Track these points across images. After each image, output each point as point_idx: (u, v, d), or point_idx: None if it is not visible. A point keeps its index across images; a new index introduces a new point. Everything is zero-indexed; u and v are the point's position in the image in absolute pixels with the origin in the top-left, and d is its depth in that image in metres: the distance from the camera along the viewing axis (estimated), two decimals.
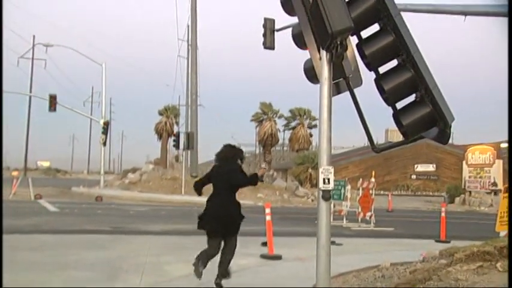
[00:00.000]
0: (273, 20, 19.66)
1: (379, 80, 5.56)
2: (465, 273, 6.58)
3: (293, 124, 50.69)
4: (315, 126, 47.60)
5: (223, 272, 7.20)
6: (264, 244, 10.94)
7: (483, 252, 6.91)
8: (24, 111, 70.34)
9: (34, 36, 61.61)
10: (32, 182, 36.96)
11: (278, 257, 10.42)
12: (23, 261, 8.89)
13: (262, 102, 50.22)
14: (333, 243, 8.77)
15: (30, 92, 60.43)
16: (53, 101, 37.76)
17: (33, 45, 59.25)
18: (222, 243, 7.19)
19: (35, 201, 26.58)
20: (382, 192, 38.08)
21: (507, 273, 6.50)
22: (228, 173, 7.15)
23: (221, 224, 7.05)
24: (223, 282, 7.19)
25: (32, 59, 64.75)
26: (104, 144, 40.90)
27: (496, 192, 34.05)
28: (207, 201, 7.31)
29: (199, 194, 7.55)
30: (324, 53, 5.60)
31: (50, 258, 9.68)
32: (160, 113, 53.14)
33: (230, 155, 7.42)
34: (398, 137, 5.96)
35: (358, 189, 19.69)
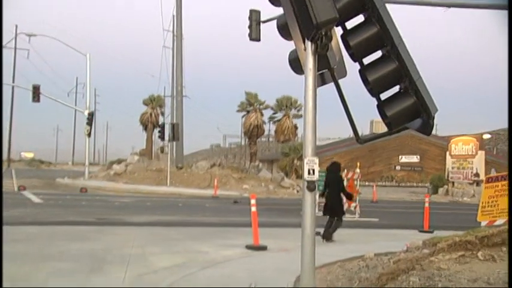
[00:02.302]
0: (259, 12, 19.55)
1: (364, 71, 5.57)
2: (447, 262, 6.67)
3: (278, 115, 50.72)
4: (301, 116, 47.68)
5: (329, 236, 11.93)
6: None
7: (465, 241, 7.00)
8: (7, 102, 69.41)
9: (16, 26, 60.71)
10: (16, 174, 36.68)
11: (263, 248, 10.46)
12: (6, 253, 8.77)
13: (248, 92, 50.12)
14: (317, 234, 8.84)
15: (13, 82, 59.54)
16: (36, 92, 37.24)
17: (16, 35, 58.38)
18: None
19: (18, 192, 26.32)
20: (366, 183, 38.30)
21: (488, 262, 6.61)
22: (338, 181, 12.49)
23: (330, 210, 12.18)
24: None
25: (15, 48, 63.96)
26: (89, 135, 40.56)
27: (478, 183, 34.45)
28: (326, 197, 12.44)
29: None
30: (308, 43, 5.59)
31: (34, 250, 9.61)
32: (145, 104, 52.88)
33: (337, 168, 12.71)
34: (383, 128, 6.00)
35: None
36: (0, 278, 5.99)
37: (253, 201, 10.88)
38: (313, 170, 5.65)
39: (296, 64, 6.08)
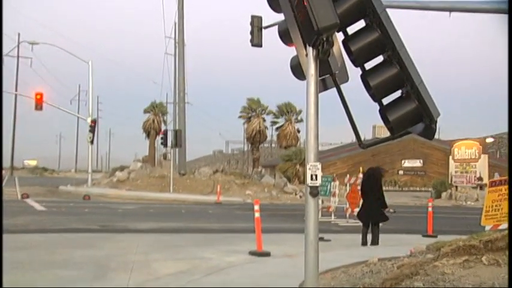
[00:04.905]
0: (260, 18, 19.60)
1: (365, 76, 5.58)
2: (451, 267, 6.64)
3: (281, 121, 50.68)
4: (302, 121, 47.67)
5: (375, 241, 12.30)
6: None
7: (469, 246, 6.97)
8: (10, 110, 69.58)
9: (19, 34, 60.94)
10: (19, 181, 36.74)
11: (267, 254, 10.43)
12: (9, 261, 8.78)
13: (250, 98, 50.11)
14: (321, 239, 8.82)
15: (16, 90, 59.70)
16: (39, 100, 37.35)
17: (19, 43, 58.51)
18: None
19: (22, 200, 26.34)
20: None
21: (493, 266, 6.58)
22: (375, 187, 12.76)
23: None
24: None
25: (18, 57, 64.10)
26: (92, 142, 40.59)
27: (481, 187, 34.38)
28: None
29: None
30: (310, 49, 5.60)
31: (37, 258, 9.61)
32: (147, 111, 52.92)
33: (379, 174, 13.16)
34: (385, 132, 6.02)
35: (346, 185, 19.76)
36: (1, 278, 5.99)
37: (256, 207, 10.87)
38: (316, 176, 5.64)
39: (298, 70, 6.09)
